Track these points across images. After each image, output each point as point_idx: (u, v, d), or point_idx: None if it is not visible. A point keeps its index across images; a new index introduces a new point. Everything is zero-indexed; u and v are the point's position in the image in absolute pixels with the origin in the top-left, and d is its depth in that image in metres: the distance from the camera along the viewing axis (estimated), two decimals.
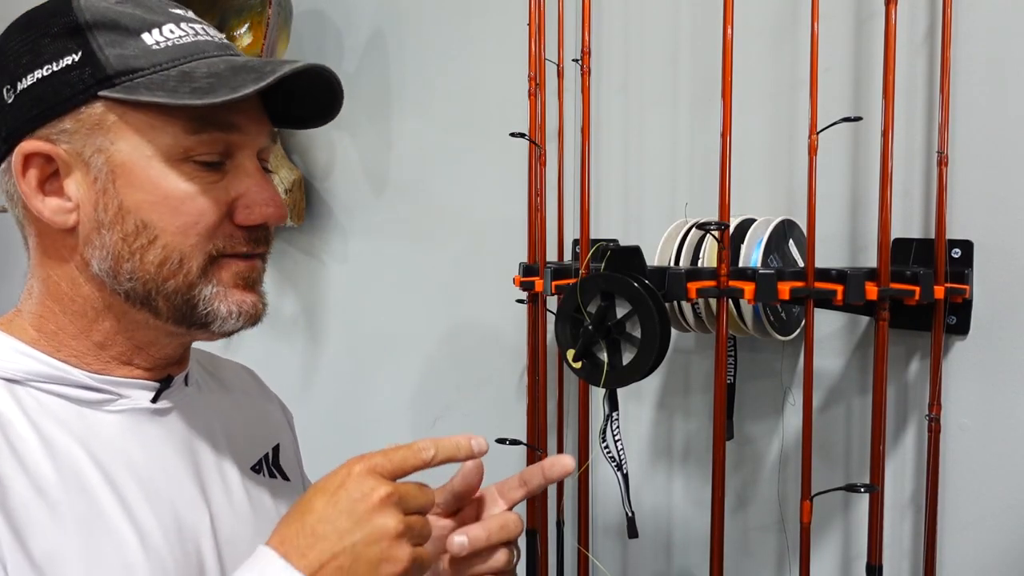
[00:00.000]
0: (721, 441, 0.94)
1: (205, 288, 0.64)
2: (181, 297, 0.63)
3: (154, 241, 0.62)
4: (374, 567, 0.55)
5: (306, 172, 1.74)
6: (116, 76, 0.60)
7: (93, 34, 0.61)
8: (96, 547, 0.59)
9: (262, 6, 1.50)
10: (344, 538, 0.55)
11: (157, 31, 0.62)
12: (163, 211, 0.62)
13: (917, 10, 1.00)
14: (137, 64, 0.61)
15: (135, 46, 0.61)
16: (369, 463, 0.57)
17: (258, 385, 0.87)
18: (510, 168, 1.39)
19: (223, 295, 0.64)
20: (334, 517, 0.55)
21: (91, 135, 0.61)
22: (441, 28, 1.51)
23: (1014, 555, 0.98)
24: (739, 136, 0.95)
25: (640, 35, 1.25)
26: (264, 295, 0.69)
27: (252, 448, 0.77)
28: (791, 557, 1.14)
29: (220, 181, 0.63)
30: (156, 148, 0.61)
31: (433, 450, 0.59)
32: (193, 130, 0.61)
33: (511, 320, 1.40)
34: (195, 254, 0.63)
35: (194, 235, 0.62)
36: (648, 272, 0.89)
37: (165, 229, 0.62)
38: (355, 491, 0.56)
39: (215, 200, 0.63)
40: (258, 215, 0.65)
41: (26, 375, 0.62)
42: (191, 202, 0.62)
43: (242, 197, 0.64)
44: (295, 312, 1.79)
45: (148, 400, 0.67)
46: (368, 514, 0.55)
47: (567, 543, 1.29)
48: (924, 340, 1.00)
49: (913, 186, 1.01)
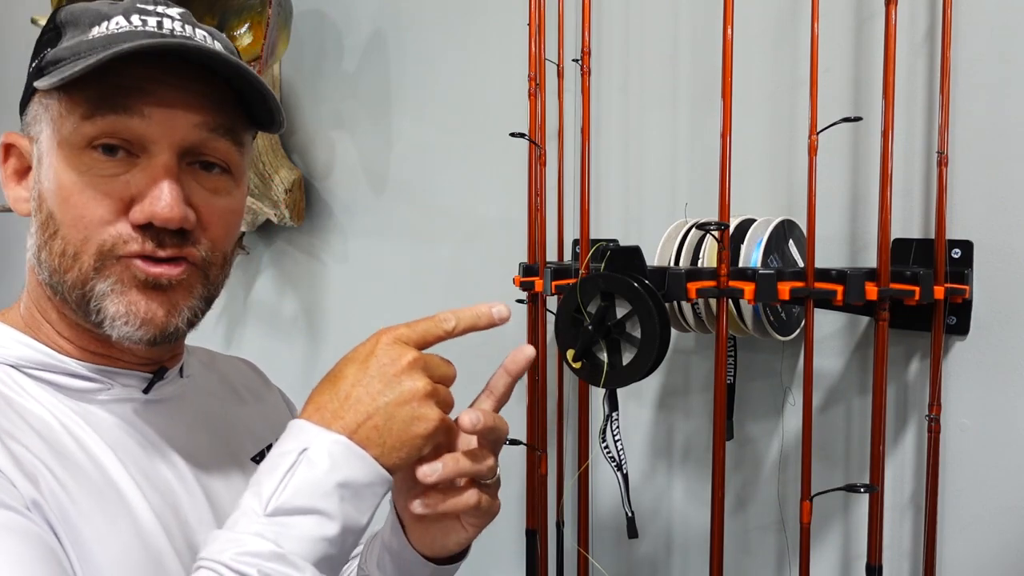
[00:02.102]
0: (721, 441, 0.93)
1: (99, 284, 0.61)
2: (78, 292, 0.61)
3: (56, 233, 0.61)
4: (407, 425, 0.57)
5: (306, 172, 1.74)
6: (46, 67, 0.61)
7: (63, 33, 0.63)
8: (111, 512, 0.59)
9: (262, 6, 1.50)
10: (377, 399, 0.57)
11: (106, 23, 0.62)
12: (60, 201, 0.61)
13: (917, 10, 1.00)
14: (63, 55, 0.61)
15: (79, 38, 0.62)
16: (395, 332, 0.60)
17: (260, 378, 0.88)
18: (510, 168, 1.39)
19: (117, 293, 0.61)
20: (366, 381, 0.58)
21: (31, 126, 0.64)
22: (441, 28, 1.51)
23: (1014, 555, 0.98)
24: (739, 136, 0.95)
25: (640, 35, 1.25)
26: (180, 309, 0.63)
27: (254, 439, 0.77)
28: (791, 557, 1.14)
29: (122, 175, 0.60)
30: (62, 136, 0.61)
31: (454, 320, 0.62)
32: (89, 115, 0.59)
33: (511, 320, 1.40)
34: (86, 248, 0.60)
35: (83, 228, 0.60)
36: (648, 272, 0.89)
37: (63, 221, 0.61)
38: (384, 357, 0.58)
39: (106, 193, 0.60)
40: (144, 213, 0.60)
41: (19, 361, 0.63)
42: (80, 194, 0.60)
43: (140, 194, 0.60)
44: (295, 312, 1.79)
45: (140, 390, 0.67)
46: (398, 376, 0.58)
47: (567, 543, 1.29)
48: (924, 340, 1.00)
49: (913, 186, 1.01)
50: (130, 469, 0.62)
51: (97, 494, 0.59)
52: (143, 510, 0.61)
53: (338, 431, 0.56)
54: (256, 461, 0.75)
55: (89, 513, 0.58)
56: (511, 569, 1.43)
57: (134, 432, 0.65)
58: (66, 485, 0.58)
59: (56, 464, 0.58)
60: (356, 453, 0.55)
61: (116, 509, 0.60)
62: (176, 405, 0.70)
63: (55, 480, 0.57)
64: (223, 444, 0.73)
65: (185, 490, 0.66)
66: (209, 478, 0.69)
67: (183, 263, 0.63)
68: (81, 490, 0.58)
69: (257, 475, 0.55)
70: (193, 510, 0.66)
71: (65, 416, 0.62)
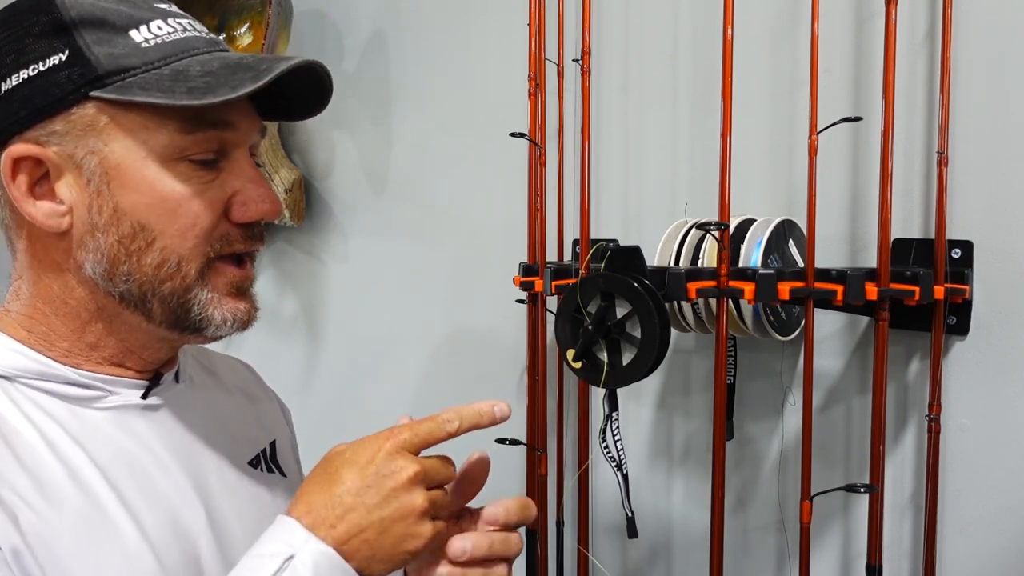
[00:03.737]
0: (721, 441, 0.94)
1: (201, 292, 0.63)
2: (177, 300, 0.63)
3: (152, 243, 0.61)
4: (399, 541, 0.57)
5: (306, 172, 1.74)
6: (107, 76, 0.59)
7: (79, 32, 0.59)
8: (96, 539, 0.58)
9: (262, 6, 1.50)
10: (373, 512, 0.56)
11: (145, 28, 0.61)
12: (160, 213, 0.61)
13: (917, 10, 1.00)
14: (128, 63, 0.59)
15: (124, 44, 0.60)
16: (398, 440, 0.58)
17: (256, 381, 0.87)
18: (510, 168, 1.39)
19: (217, 302, 0.64)
20: (363, 491, 0.56)
21: (83, 137, 0.60)
22: (441, 28, 1.51)
23: (1014, 555, 0.98)
24: (739, 136, 0.95)
25: (640, 35, 1.25)
26: (255, 299, 0.68)
27: (249, 443, 0.77)
28: (791, 557, 1.14)
29: (215, 180, 0.63)
30: (150, 149, 0.60)
31: (457, 422, 0.60)
32: (188, 129, 0.60)
33: (511, 320, 1.40)
34: (194, 256, 0.62)
35: (192, 237, 0.62)
36: (648, 272, 0.89)
37: (164, 231, 0.61)
38: (385, 468, 0.57)
39: (212, 200, 0.62)
40: (254, 211, 0.64)
41: (15, 371, 0.62)
42: (188, 204, 0.61)
43: (238, 194, 0.64)
44: (295, 312, 1.79)
45: (138, 397, 0.67)
46: (397, 491, 0.57)
47: (567, 543, 1.29)
48: (924, 340, 1.00)
49: (913, 186, 1.01)
50: (121, 487, 0.62)
51: (82, 523, 0.58)
52: (131, 533, 0.60)
53: (327, 541, 0.55)
54: (252, 465, 0.75)
55: (72, 545, 0.57)
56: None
57: (131, 440, 0.65)
58: (48, 520, 0.57)
59: (38, 498, 0.57)
60: (342, 567, 0.55)
61: (102, 536, 0.59)
62: (173, 411, 0.69)
63: (36, 517, 0.56)
64: (220, 448, 0.72)
65: (182, 499, 0.66)
66: (207, 483, 0.68)
67: (254, 261, 0.68)
68: (64, 522, 0.57)
69: (237, 573, 0.55)
70: (191, 518, 0.65)
71: (54, 434, 0.61)
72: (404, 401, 1.61)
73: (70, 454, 0.60)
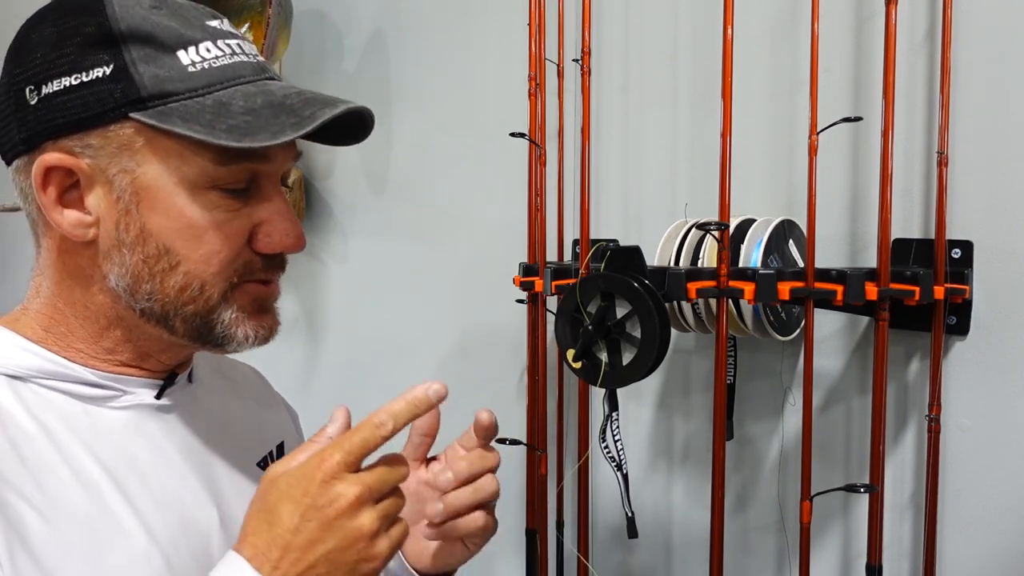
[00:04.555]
0: (721, 441, 0.94)
1: (225, 313, 0.63)
2: (200, 320, 0.63)
3: (176, 267, 0.61)
4: (352, 569, 0.55)
5: (306, 172, 1.74)
6: (150, 99, 0.58)
7: (127, 46, 0.58)
8: (100, 542, 0.58)
9: (262, 6, 1.50)
10: (317, 547, 0.54)
11: (194, 50, 0.59)
12: (186, 238, 0.61)
13: (917, 10, 1.00)
14: (172, 88, 0.58)
15: (170, 65, 0.58)
16: (328, 466, 0.55)
17: (264, 384, 0.88)
18: (510, 168, 1.39)
19: (241, 320, 0.64)
20: (302, 528, 0.54)
21: (118, 154, 0.59)
22: (441, 28, 1.51)
23: (1014, 555, 0.98)
24: (739, 136, 0.95)
25: (640, 35, 1.25)
26: (278, 312, 0.68)
27: (258, 444, 0.77)
28: (791, 557, 1.14)
29: (243, 208, 0.62)
30: (183, 176, 0.59)
31: (391, 422, 0.57)
32: (222, 162, 0.60)
33: (511, 320, 1.40)
34: (216, 282, 0.62)
35: (216, 264, 0.62)
36: (648, 272, 0.89)
37: (188, 257, 0.61)
38: (321, 499, 0.55)
39: (238, 229, 0.62)
40: (278, 244, 0.64)
41: (29, 371, 0.62)
42: (214, 232, 0.61)
43: (263, 224, 0.63)
44: (295, 312, 1.79)
45: (152, 397, 0.67)
46: (339, 519, 0.54)
47: (567, 543, 1.29)
48: (924, 340, 1.00)
49: (913, 186, 1.01)
50: (130, 488, 0.62)
51: (87, 527, 0.58)
52: (138, 534, 0.60)
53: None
54: (260, 467, 0.75)
55: (77, 551, 0.57)
56: (511, 569, 1.43)
57: (143, 440, 0.65)
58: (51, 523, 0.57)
59: (42, 501, 0.57)
60: None
61: (106, 538, 0.59)
62: (185, 411, 0.70)
63: (40, 520, 0.56)
64: (230, 448, 0.72)
65: (194, 499, 0.66)
66: (218, 483, 0.69)
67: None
68: (68, 525, 0.57)
69: None
70: (203, 518, 0.66)
71: (63, 436, 0.60)
72: None
73: (78, 456, 0.60)
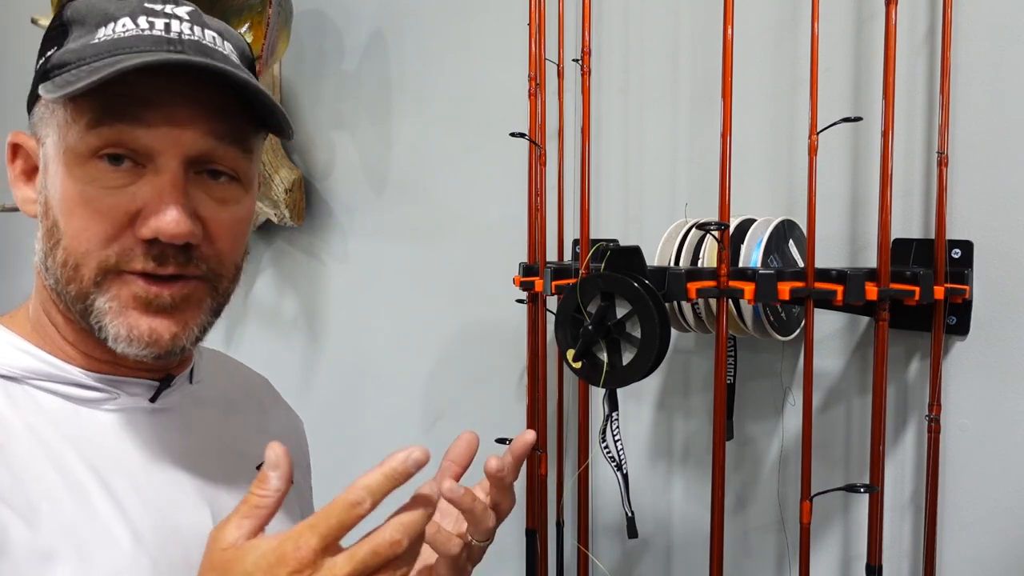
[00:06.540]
0: (721, 441, 0.93)
1: (99, 299, 0.59)
2: (79, 304, 0.60)
3: (59, 242, 0.59)
4: None
5: (306, 172, 1.74)
6: (52, 71, 0.59)
7: (70, 30, 0.61)
8: (85, 548, 0.57)
9: (262, 6, 1.50)
10: None
11: (113, 24, 0.59)
12: (64, 211, 0.59)
13: (917, 10, 1.00)
14: (67, 59, 0.59)
15: (84, 41, 0.59)
16: (305, 554, 0.50)
17: (271, 390, 0.87)
18: (510, 168, 1.39)
19: (116, 312, 0.59)
20: None
21: (38, 127, 0.62)
22: (441, 28, 1.51)
23: (1014, 555, 0.98)
24: (739, 136, 0.95)
25: (640, 35, 1.25)
26: (190, 327, 0.61)
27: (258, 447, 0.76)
28: (791, 557, 1.14)
29: (128, 186, 0.58)
30: (67, 145, 0.59)
31: (369, 498, 0.51)
32: (93, 124, 0.57)
33: (511, 320, 1.40)
34: (87, 261, 0.58)
35: (85, 241, 0.58)
36: (648, 272, 0.89)
37: (66, 231, 0.59)
38: None
39: (111, 206, 0.58)
40: (150, 228, 0.57)
41: (23, 372, 0.62)
42: (84, 206, 0.58)
43: (145, 207, 0.58)
44: (295, 312, 1.79)
45: (146, 400, 0.66)
46: None
47: (567, 543, 1.29)
48: (924, 340, 1.00)
49: (913, 186, 1.01)
50: (118, 491, 0.61)
51: (72, 533, 0.57)
52: (125, 537, 0.59)
53: None
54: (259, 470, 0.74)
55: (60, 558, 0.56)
56: (511, 569, 1.43)
57: (134, 443, 0.64)
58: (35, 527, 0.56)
59: (26, 506, 0.56)
60: None
61: (93, 545, 0.58)
62: (184, 413, 0.69)
63: (24, 525, 0.55)
64: (231, 452, 0.71)
65: (186, 501, 0.65)
66: (215, 488, 0.68)
67: (187, 280, 0.61)
68: (54, 532, 0.57)
69: None
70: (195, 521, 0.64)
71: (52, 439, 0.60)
72: (404, 401, 1.61)
73: (67, 459, 0.60)
